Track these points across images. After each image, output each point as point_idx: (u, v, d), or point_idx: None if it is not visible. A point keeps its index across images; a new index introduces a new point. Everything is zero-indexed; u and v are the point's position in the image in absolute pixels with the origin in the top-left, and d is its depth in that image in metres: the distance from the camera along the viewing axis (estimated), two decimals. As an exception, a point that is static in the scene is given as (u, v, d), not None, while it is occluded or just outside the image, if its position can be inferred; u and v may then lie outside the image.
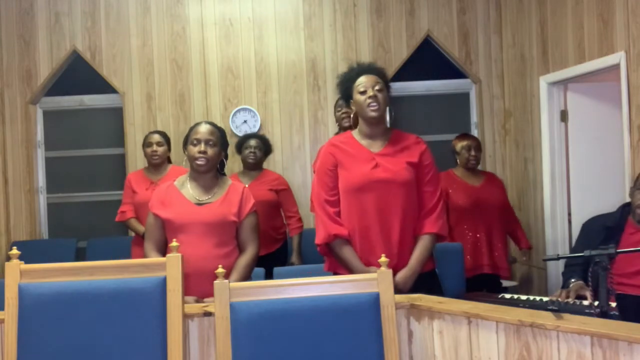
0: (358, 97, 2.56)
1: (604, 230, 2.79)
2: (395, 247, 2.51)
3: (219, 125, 2.81)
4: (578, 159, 4.15)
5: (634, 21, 3.25)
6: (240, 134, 4.71)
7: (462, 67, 4.97)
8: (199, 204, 2.65)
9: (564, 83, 4.13)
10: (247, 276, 2.63)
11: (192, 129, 2.73)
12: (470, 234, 3.91)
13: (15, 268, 2.06)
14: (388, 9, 4.90)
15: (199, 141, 2.65)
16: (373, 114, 2.54)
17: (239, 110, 4.86)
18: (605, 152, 4.00)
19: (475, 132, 5.03)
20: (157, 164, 3.99)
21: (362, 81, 2.56)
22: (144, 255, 2.67)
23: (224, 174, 2.84)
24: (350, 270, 2.50)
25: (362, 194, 2.52)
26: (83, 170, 5.07)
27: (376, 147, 2.60)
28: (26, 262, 2.08)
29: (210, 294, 2.51)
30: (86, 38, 4.88)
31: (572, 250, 2.93)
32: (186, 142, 2.72)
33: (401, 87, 5.08)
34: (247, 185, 4.04)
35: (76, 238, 4.76)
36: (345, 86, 2.64)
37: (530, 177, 4.53)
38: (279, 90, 4.90)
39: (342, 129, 3.74)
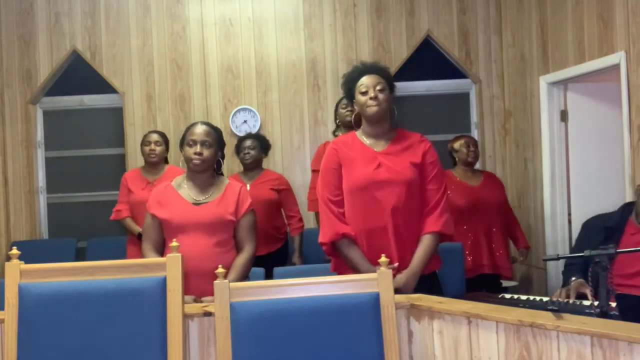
0: (360, 97, 2.56)
1: (603, 230, 2.75)
2: (402, 247, 2.49)
3: (218, 125, 2.81)
4: (578, 159, 4.14)
5: (634, 21, 3.25)
6: (240, 134, 4.71)
7: (462, 67, 4.97)
8: (197, 204, 2.65)
9: (564, 83, 4.13)
10: (245, 275, 2.63)
11: (188, 129, 2.73)
12: (470, 234, 3.91)
13: (15, 268, 2.05)
14: (388, 9, 4.90)
15: (195, 142, 2.66)
16: (373, 109, 2.53)
17: (239, 110, 4.86)
18: (605, 152, 4.00)
19: (475, 132, 5.03)
20: (154, 163, 4.04)
21: (364, 82, 2.56)
22: (142, 256, 2.67)
23: (222, 174, 2.84)
24: (357, 270, 2.46)
25: (366, 194, 2.50)
26: (83, 170, 5.07)
27: (380, 146, 2.59)
28: (26, 262, 2.08)
29: (209, 293, 2.51)
30: (86, 38, 4.88)
31: (572, 249, 2.91)
32: (182, 142, 2.73)
33: (401, 87, 5.05)
34: (248, 186, 4.08)
35: (76, 238, 4.76)
36: (348, 86, 2.63)
37: (530, 177, 4.53)
38: (279, 90, 4.90)
39: (344, 125, 3.74)
